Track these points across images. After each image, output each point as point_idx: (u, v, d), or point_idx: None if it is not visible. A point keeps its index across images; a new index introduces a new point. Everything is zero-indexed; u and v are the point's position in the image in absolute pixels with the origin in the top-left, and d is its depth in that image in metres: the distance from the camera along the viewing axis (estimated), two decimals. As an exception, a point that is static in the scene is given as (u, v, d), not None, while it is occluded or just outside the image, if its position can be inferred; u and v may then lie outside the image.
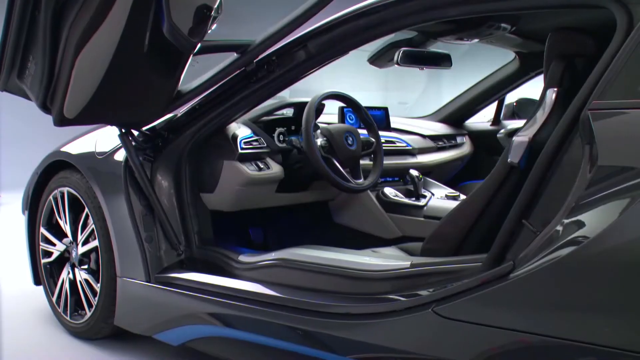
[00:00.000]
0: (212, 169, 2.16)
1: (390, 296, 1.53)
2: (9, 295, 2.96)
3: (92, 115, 1.90)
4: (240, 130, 2.20)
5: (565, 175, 1.29)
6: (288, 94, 3.22)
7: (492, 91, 3.10)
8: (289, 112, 2.54)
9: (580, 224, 1.16)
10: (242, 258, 1.99)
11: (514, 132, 2.94)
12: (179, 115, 2.12)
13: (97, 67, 1.74)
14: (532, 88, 3.02)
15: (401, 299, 1.49)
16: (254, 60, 1.90)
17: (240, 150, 2.12)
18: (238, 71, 1.93)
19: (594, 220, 1.14)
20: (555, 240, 1.20)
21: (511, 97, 3.28)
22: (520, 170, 1.50)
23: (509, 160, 1.51)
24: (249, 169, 2.13)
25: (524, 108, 3.30)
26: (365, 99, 2.79)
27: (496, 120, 3.27)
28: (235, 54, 1.90)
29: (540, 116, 1.53)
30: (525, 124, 1.56)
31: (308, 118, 2.12)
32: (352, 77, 4.46)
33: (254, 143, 2.20)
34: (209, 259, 2.11)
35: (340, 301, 1.62)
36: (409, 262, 1.60)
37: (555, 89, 1.53)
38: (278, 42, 1.87)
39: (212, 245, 2.18)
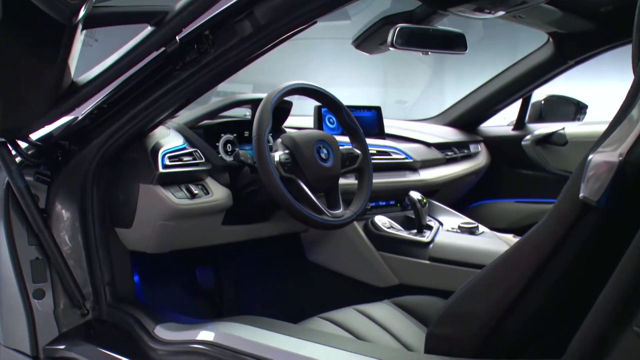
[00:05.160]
0: (126, 195, 1.61)
1: None
2: None
3: None
4: (168, 139, 1.62)
5: None
6: (251, 90, 2.63)
7: (515, 86, 2.53)
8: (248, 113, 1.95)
9: None
10: (160, 332, 1.43)
11: (543, 139, 2.48)
12: (80, 118, 1.57)
13: None
14: (557, 86, 2.56)
15: None
16: (177, 37, 1.37)
17: (161, 169, 1.54)
18: (156, 53, 1.40)
19: None
20: None
21: (538, 94, 2.70)
22: (601, 212, 0.87)
23: (581, 195, 0.87)
24: (174, 196, 1.56)
25: (554, 108, 2.71)
26: (361, 97, 2.23)
27: (520, 124, 2.69)
28: (148, 27, 1.35)
29: (637, 119, 0.88)
30: (606, 133, 0.92)
31: (261, 121, 1.53)
32: (338, 68, 3.92)
33: (186, 158, 1.61)
34: (121, 324, 1.56)
35: None
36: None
37: (660, 75, 0.90)
38: (210, 8, 1.34)
39: (129, 302, 1.64)
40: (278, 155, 1.56)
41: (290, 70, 2.16)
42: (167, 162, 1.55)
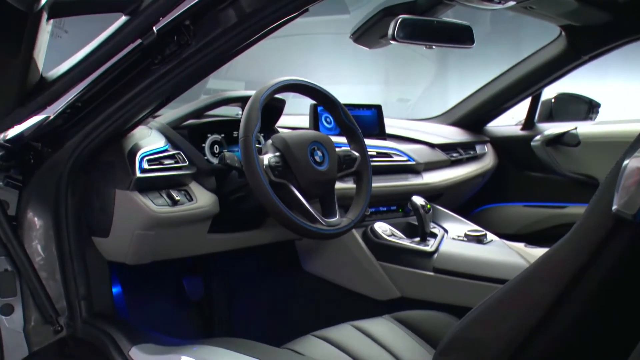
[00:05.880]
0: (102, 202, 1.49)
1: None
2: None
3: None
4: (148, 140, 1.51)
5: None
6: (243, 88, 2.52)
7: (525, 83, 2.42)
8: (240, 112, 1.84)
9: None
10: (135, 355, 1.35)
11: (554, 139, 2.37)
12: (52, 117, 1.46)
13: None
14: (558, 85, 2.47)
15: None
16: (154, 27, 1.26)
17: (139, 174, 1.43)
18: (132, 45, 1.30)
19: None
20: None
21: (548, 92, 2.60)
22: (637, 227, 0.75)
23: (614, 207, 0.75)
24: (153, 203, 1.44)
25: (565, 107, 2.61)
26: (362, 95, 2.12)
27: (529, 123, 2.59)
28: (122, 16, 1.24)
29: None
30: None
31: (248, 121, 1.41)
32: (336, 66, 3.83)
33: (167, 161, 1.49)
34: (97, 343, 1.46)
35: None
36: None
37: None
38: None
39: (106, 318, 1.52)
40: (268, 158, 1.44)
41: (286, 67, 2.05)
42: (146, 166, 1.44)
